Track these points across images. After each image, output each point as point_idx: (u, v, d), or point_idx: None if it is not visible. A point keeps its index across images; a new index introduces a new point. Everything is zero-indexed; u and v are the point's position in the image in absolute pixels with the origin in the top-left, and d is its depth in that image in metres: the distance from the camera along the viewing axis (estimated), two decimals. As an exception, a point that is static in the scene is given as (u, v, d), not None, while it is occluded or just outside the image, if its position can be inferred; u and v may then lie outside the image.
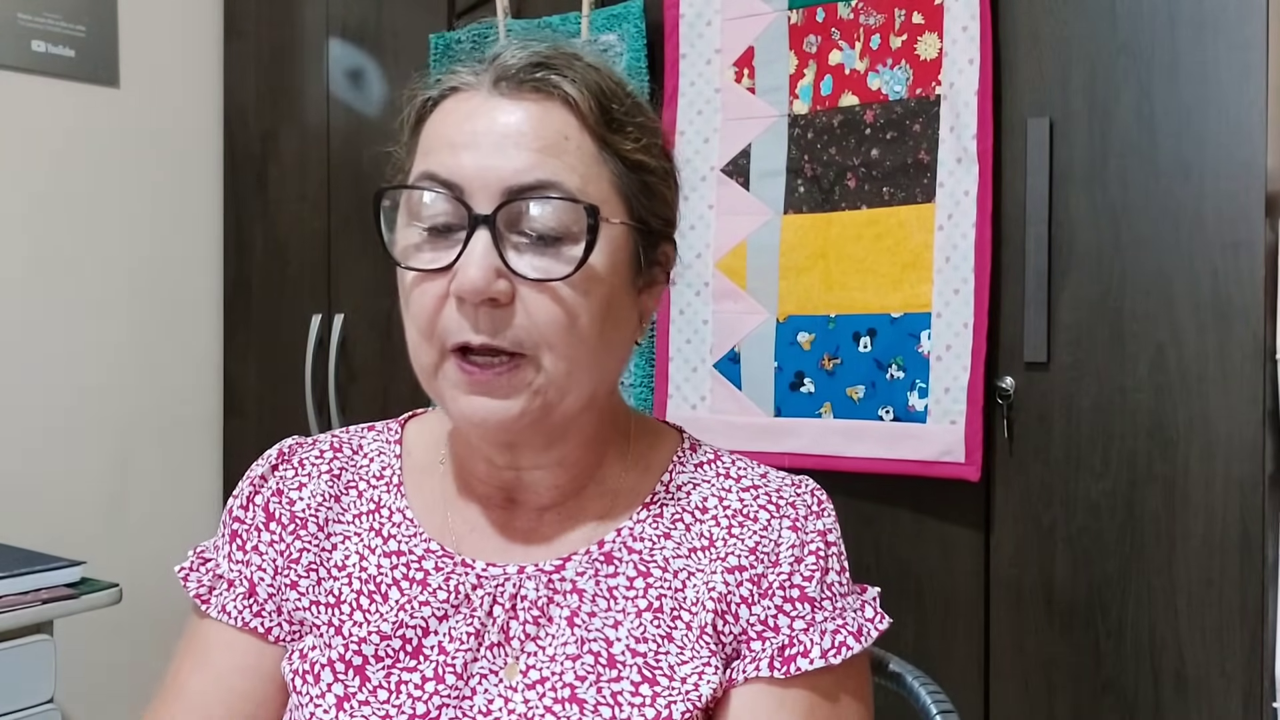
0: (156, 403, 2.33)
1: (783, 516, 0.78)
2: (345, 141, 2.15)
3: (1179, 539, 1.29)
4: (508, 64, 0.74)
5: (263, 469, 0.84)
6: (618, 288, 0.75)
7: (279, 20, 2.29)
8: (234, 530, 0.83)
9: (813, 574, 0.77)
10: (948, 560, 1.46)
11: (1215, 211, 1.26)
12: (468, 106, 0.74)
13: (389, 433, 0.87)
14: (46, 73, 2.14)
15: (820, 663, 0.74)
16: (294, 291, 2.27)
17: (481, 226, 0.71)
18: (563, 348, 0.72)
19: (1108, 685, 1.34)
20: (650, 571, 0.77)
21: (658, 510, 0.80)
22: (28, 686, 1.57)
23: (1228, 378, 1.26)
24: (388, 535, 0.80)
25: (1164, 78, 1.30)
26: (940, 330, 1.43)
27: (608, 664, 0.73)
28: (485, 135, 0.72)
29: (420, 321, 0.75)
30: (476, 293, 0.70)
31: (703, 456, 0.84)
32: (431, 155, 0.75)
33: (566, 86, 0.73)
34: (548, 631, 0.75)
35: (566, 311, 0.71)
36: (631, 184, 0.75)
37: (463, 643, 0.75)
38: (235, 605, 0.80)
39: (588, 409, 0.76)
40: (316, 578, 0.80)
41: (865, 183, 1.50)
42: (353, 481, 0.83)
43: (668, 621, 0.75)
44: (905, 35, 1.47)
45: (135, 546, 2.22)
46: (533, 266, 0.71)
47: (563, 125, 0.73)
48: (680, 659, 0.74)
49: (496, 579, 0.77)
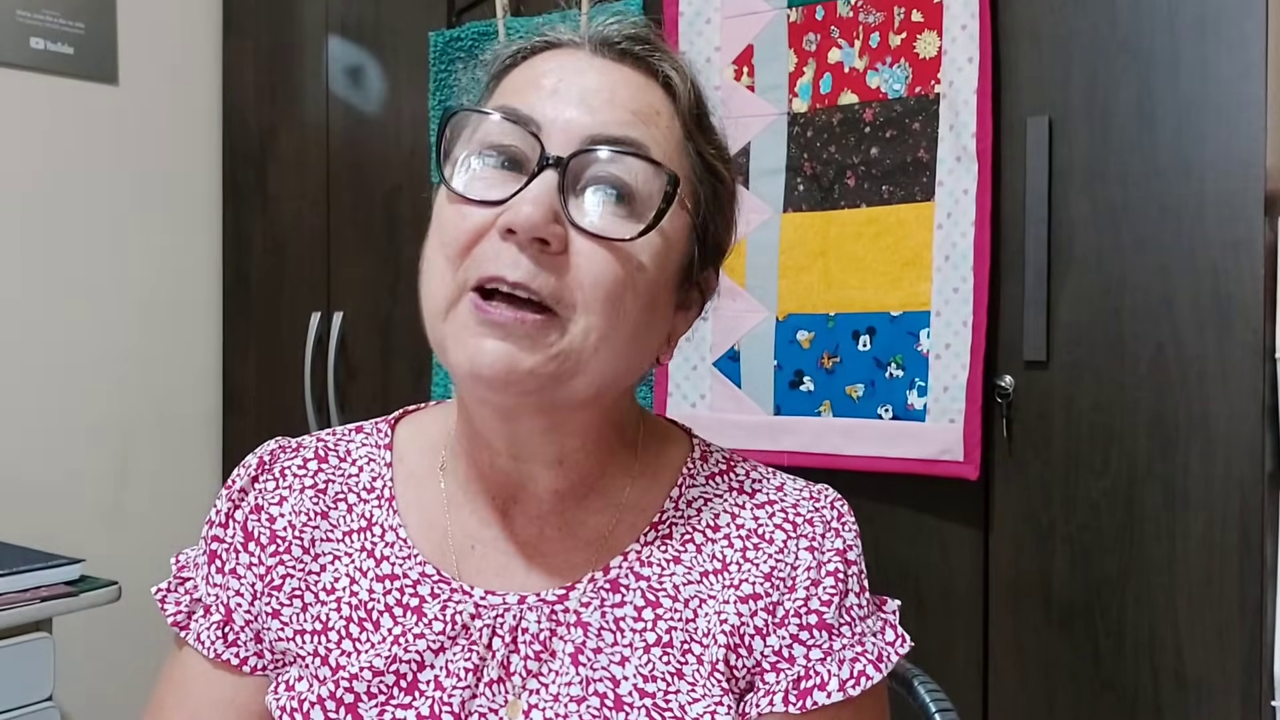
0: (156, 400, 2.33)
1: (800, 536, 0.74)
2: (345, 139, 2.15)
3: (1178, 538, 1.29)
4: (611, 31, 0.71)
5: (242, 481, 0.79)
6: (663, 286, 0.70)
7: (278, 18, 2.29)
8: (212, 550, 0.78)
9: (831, 598, 0.72)
10: (947, 559, 1.46)
11: (1215, 210, 1.26)
12: (563, 61, 0.70)
13: (379, 435, 0.81)
14: (45, 70, 2.14)
15: (839, 695, 0.70)
16: (293, 289, 2.26)
17: (551, 168, 0.65)
18: (599, 316, 0.66)
19: (1107, 684, 1.34)
20: (660, 601, 0.72)
21: (666, 531, 0.75)
22: (27, 684, 1.57)
23: (1227, 376, 1.25)
24: (380, 556, 0.75)
25: (1164, 76, 1.30)
26: (939, 329, 1.43)
27: (614, 707, 0.69)
28: (576, 87, 0.68)
29: (451, 246, 0.67)
30: (530, 228, 0.63)
31: (714, 467, 0.79)
32: (514, 95, 0.69)
33: (668, 68, 0.71)
34: (550, 667, 0.71)
35: (618, 276, 0.66)
36: (705, 187, 0.72)
37: (460, 679, 0.71)
38: (209, 634, 0.76)
39: (594, 402, 0.71)
40: (302, 604, 0.75)
41: (865, 181, 1.50)
42: (341, 494, 0.78)
43: (678, 657, 0.71)
44: (904, 33, 1.46)
45: (134, 544, 2.22)
46: (594, 222, 0.66)
47: (657, 102, 0.70)
48: (691, 697, 0.70)
49: (496, 609, 0.72)
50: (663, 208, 0.67)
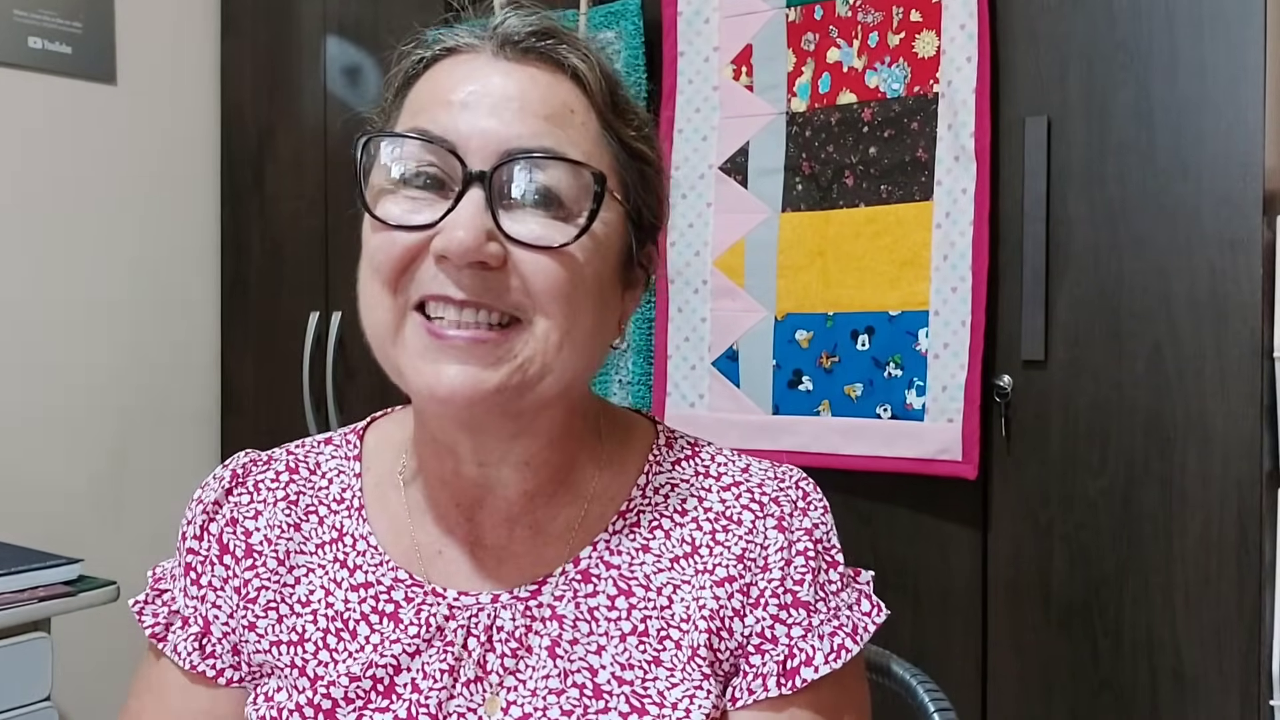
0: (154, 400, 2.33)
1: (767, 516, 0.74)
2: (343, 139, 2.15)
3: (1176, 537, 1.29)
4: (513, 29, 0.70)
5: (215, 494, 0.79)
6: (608, 275, 0.70)
7: (276, 17, 2.29)
8: (188, 563, 0.78)
9: (803, 576, 0.73)
10: (945, 558, 1.46)
11: (1213, 210, 1.26)
12: (468, 68, 0.69)
13: (347, 446, 0.81)
14: (43, 69, 2.14)
15: (825, 669, 0.71)
16: (291, 289, 2.26)
17: (476, 185, 0.65)
18: (559, 316, 0.66)
19: (1105, 683, 1.34)
20: (632, 590, 0.72)
21: (634, 519, 0.75)
22: (25, 684, 1.57)
23: (1225, 376, 1.26)
24: (354, 566, 0.75)
25: (1162, 76, 1.30)
26: (938, 328, 1.43)
27: (593, 695, 0.70)
28: (486, 97, 0.67)
29: (384, 272, 0.67)
30: (465, 253, 0.63)
31: (679, 453, 0.79)
32: (424, 113, 0.68)
33: (576, 60, 0.70)
34: (528, 664, 0.71)
35: (564, 277, 0.66)
36: (631, 172, 0.72)
37: (436, 680, 0.71)
38: (186, 646, 0.76)
39: (560, 400, 0.71)
40: (277, 615, 0.75)
41: (863, 181, 1.50)
42: (312, 506, 0.78)
43: (654, 644, 0.71)
44: (903, 33, 1.46)
45: (132, 544, 2.22)
46: (530, 231, 0.65)
47: (569, 98, 0.69)
48: (669, 683, 0.70)
49: (470, 609, 0.72)
50: (593, 208, 0.67)
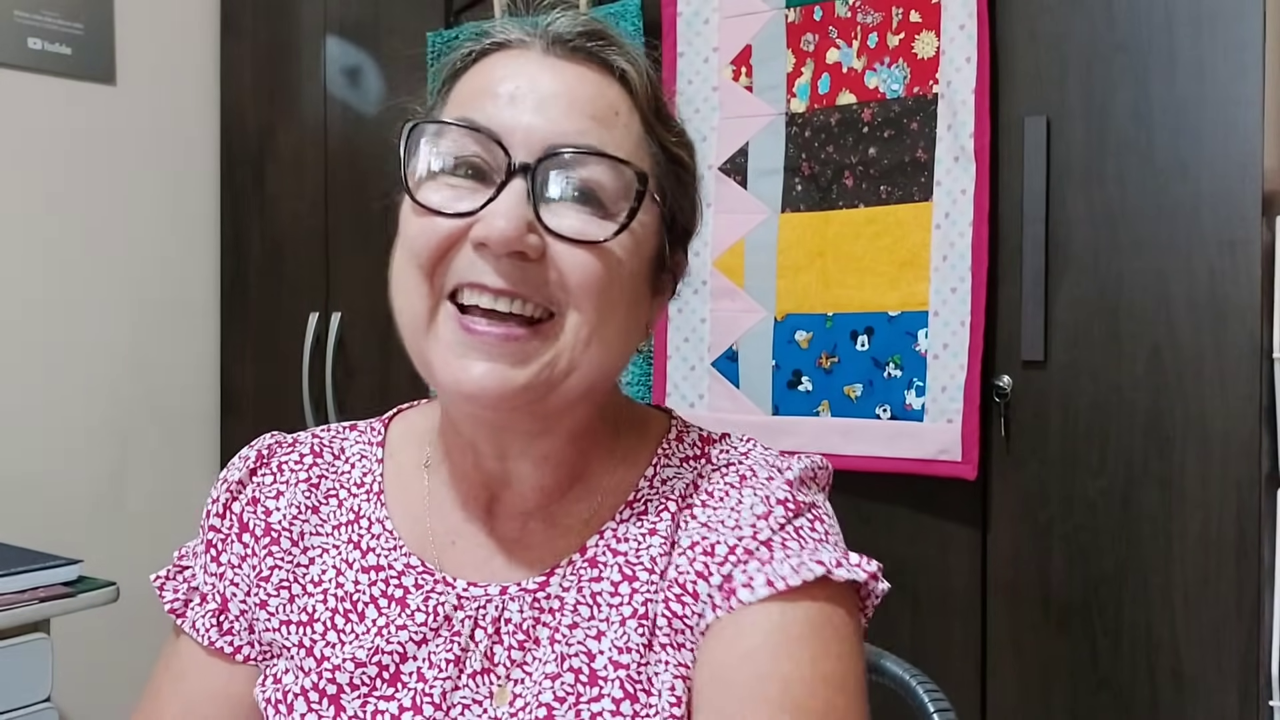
0: (154, 401, 2.33)
1: (746, 486, 0.72)
2: (343, 139, 2.15)
3: (1176, 537, 1.29)
4: (563, 28, 0.70)
5: (240, 473, 0.80)
6: (641, 276, 0.71)
7: (276, 18, 2.29)
8: (209, 540, 0.79)
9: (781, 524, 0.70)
10: (945, 558, 1.47)
11: (1212, 210, 1.27)
12: (517, 64, 0.70)
13: (372, 434, 0.82)
14: (43, 70, 2.14)
15: (764, 590, 0.66)
16: (291, 289, 2.26)
17: (519, 176, 0.65)
18: (591, 312, 0.67)
19: (1104, 683, 1.34)
20: (636, 575, 0.72)
21: (641, 508, 0.74)
22: (24, 685, 1.57)
23: (1224, 376, 1.26)
24: (366, 548, 0.76)
25: (1161, 77, 1.30)
26: (937, 329, 1.43)
27: (589, 681, 0.69)
28: (533, 92, 0.68)
29: (423, 257, 0.67)
30: (505, 242, 0.64)
31: (689, 449, 0.78)
32: (471, 104, 0.69)
33: (624, 63, 0.70)
34: (534, 655, 0.71)
35: (601, 273, 0.66)
36: (669, 176, 0.73)
37: (441, 670, 0.71)
38: (204, 622, 0.77)
39: (585, 399, 0.71)
40: (289, 595, 0.76)
41: (863, 181, 1.50)
42: (333, 490, 0.79)
43: (650, 628, 0.70)
44: (903, 34, 1.47)
45: (132, 544, 2.22)
46: (570, 226, 0.66)
47: (615, 100, 0.70)
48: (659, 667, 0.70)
49: (478, 600, 0.72)
50: (634, 206, 0.68)
